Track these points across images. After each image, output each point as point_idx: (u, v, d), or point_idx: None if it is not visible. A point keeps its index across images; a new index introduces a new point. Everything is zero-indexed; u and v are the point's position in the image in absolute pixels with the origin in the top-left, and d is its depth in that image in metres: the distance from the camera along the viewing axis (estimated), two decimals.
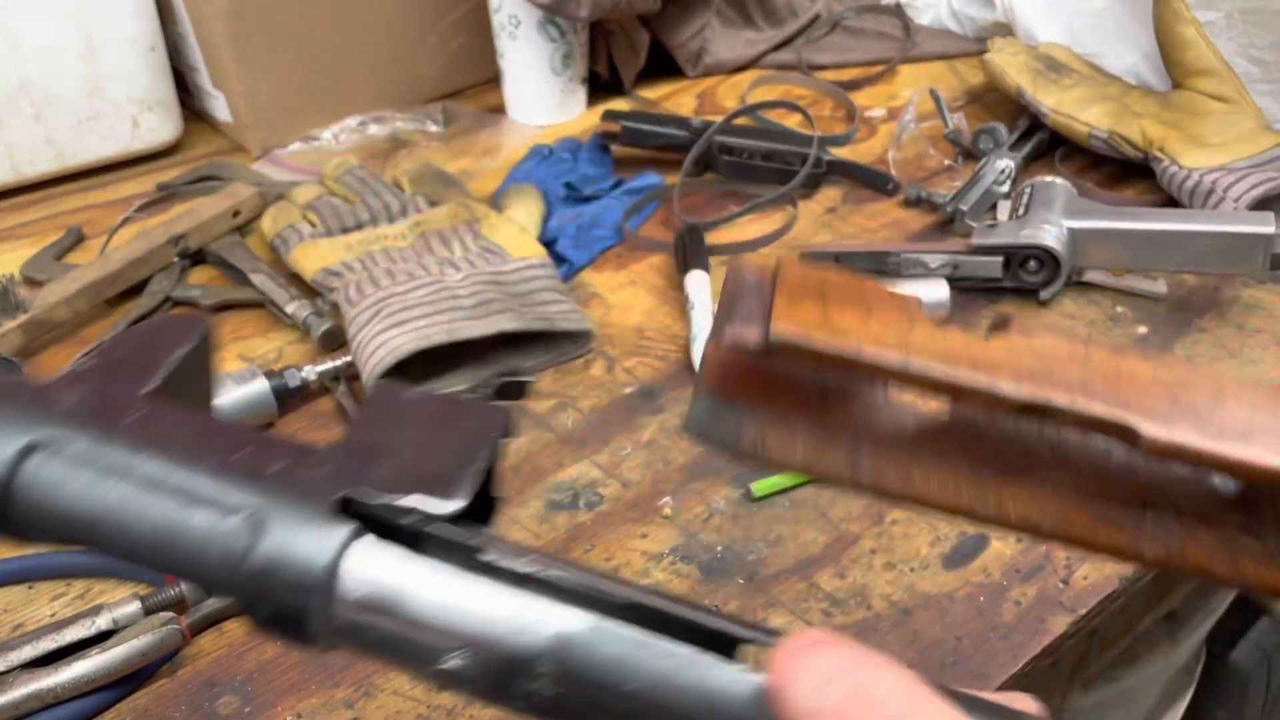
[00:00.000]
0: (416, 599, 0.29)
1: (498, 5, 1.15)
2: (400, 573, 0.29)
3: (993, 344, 0.37)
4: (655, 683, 0.28)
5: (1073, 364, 0.37)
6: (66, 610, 0.66)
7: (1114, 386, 0.36)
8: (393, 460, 0.31)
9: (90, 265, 0.93)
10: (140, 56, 1.11)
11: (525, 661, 0.28)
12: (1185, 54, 1.01)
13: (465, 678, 0.29)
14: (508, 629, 0.28)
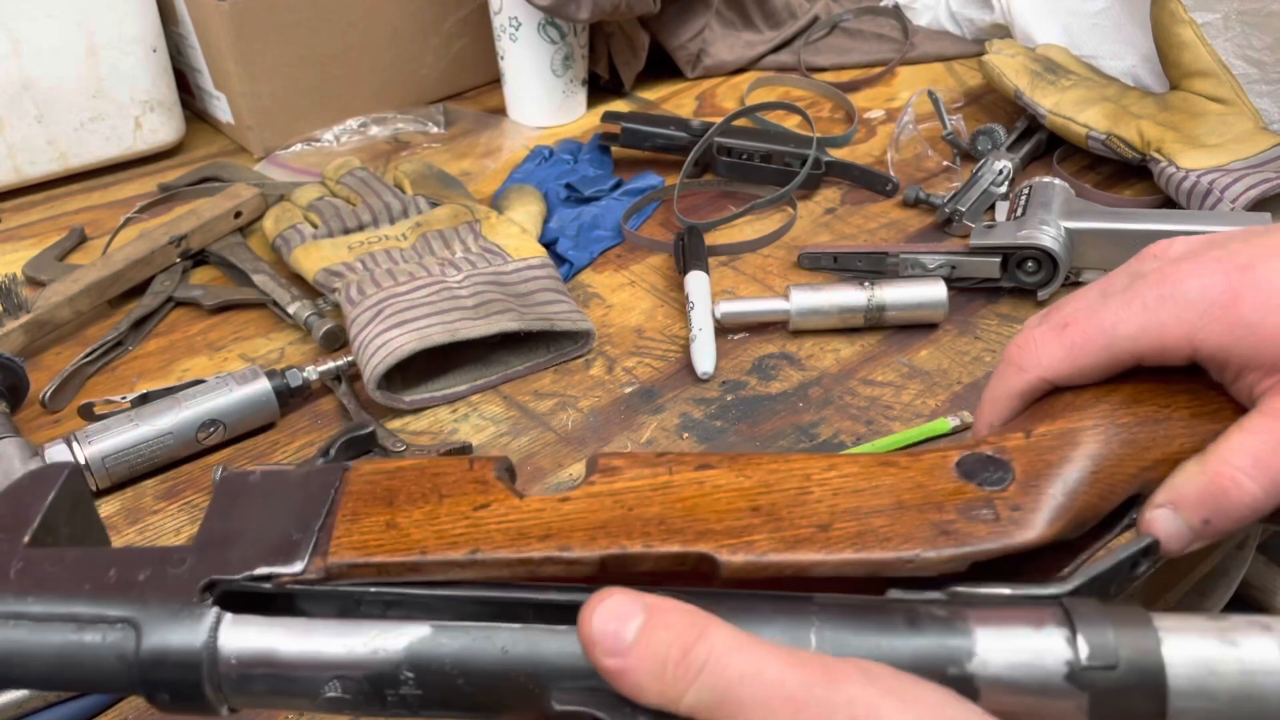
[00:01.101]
0: (284, 650, 0.34)
1: (498, 7, 1.15)
2: (266, 633, 0.35)
3: (572, 499, 0.38)
4: (496, 659, 0.34)
5: (654, 498, 0.37)
6: None
7: (692, 512, 0.37)
8: (242, 540, 0.37)
9: (92, 265, 0.93)
10: (142, 58, 1.11)
11: (389, 674, 0.34)
12: (1183, 55, 1.02)
13: (347, 701, 0.34)
14: (366, 652, 0.34)
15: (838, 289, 0.86)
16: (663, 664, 0.31)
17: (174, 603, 0.35)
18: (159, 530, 0.72)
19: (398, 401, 0.80)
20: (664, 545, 0.36)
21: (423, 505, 0.38)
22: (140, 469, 0.75)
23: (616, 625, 0.32)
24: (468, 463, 0.40)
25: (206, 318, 0.93)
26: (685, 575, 0.37)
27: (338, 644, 0.34)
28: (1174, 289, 0.39)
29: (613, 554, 0.36)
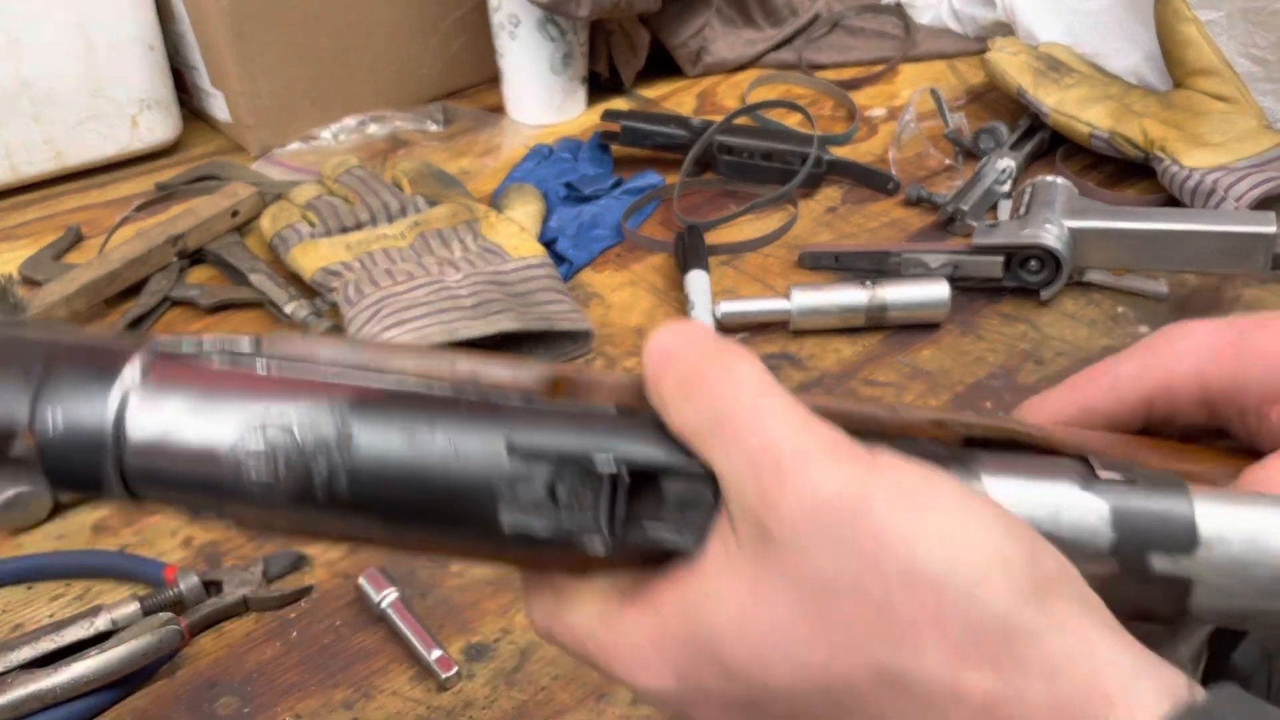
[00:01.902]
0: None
1: (497, 5, 1.14)
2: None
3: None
4: (442, 455, 0.31)
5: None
6: (66, 611, 0.66)
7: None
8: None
9: (89, 265, 0.93)
10: (139, 56, 1.11)
11: (312, 453, 0.30)
12: (1186, 53, 1.01)
13: (271, 488, 0.30)
14: (295, 419, 0.31)
15: (839, 288, 0.86)
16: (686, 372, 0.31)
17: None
18: (156, 531, 0.71)
19: None
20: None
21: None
22: None
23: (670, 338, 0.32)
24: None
25: (203, 317, 0.93)
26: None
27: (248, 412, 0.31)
28: (1181, 331, 0.38)
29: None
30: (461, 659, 0.61)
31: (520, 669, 0.61)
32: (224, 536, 0.70)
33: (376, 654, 0.62)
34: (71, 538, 0.71)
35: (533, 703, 0.59)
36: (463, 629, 0.63)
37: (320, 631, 0.64)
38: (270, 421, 0.31)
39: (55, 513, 0.72)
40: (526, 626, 0.63)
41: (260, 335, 0.34)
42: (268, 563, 0.67)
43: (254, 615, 0.65)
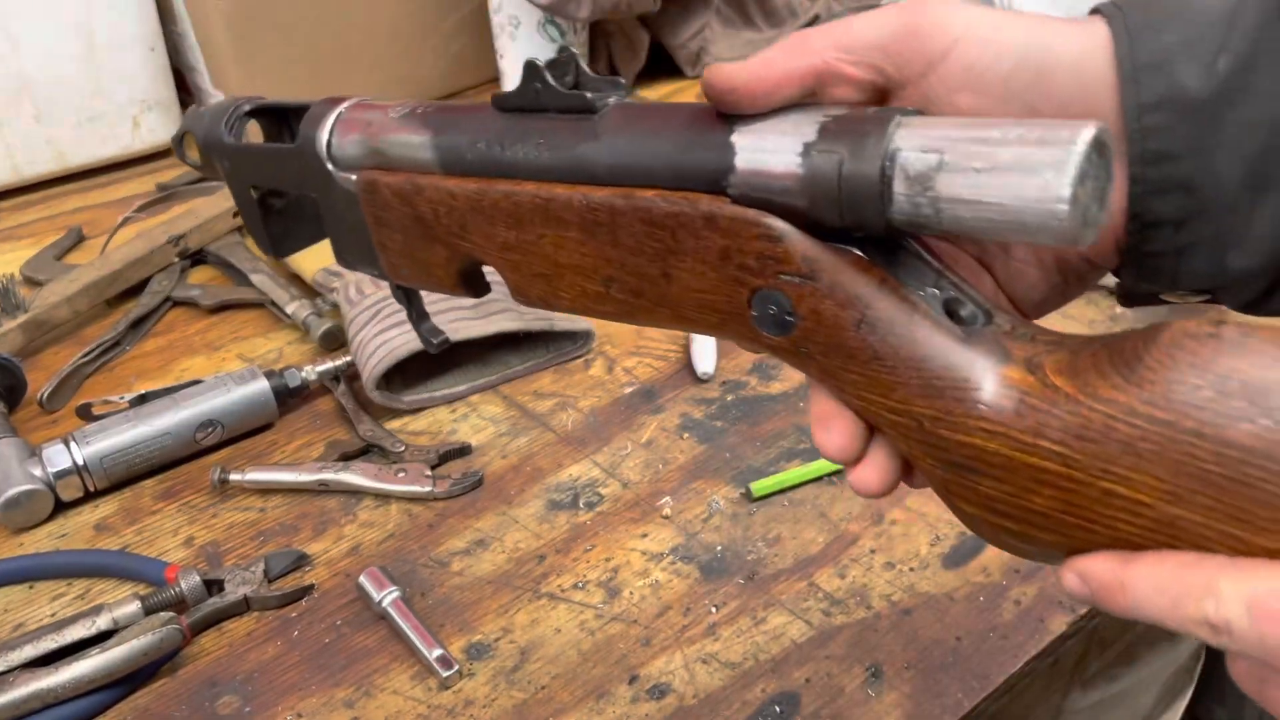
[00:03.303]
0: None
1: (498, 6, 1.15)
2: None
3: None
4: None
5: None
6: (67, 610, 0.66)
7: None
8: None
9: (90, 265, 0.93)
10: (140, 57, 1.11)
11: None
12: None
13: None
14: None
15: None
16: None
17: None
18: (157, 531, 0.71)
19: (396, 402, 0.79)
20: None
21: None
22: (138, 469, 0.74)
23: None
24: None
25: (205, 317, 0.93)
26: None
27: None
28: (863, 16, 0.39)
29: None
30: (462, 658, 0.61)
31: (520, 668, 0.61)
32: (225, 536, 0.71)
33: (377, 653, 0.62)
34: (73, 537, 0.71)
35: (533, 702, 0.59)
36: (463, 628, 0.63)
37: (321, 630, 0.64)
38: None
39: (56, 512, 0.73)
40: (527, 625, 0.63)
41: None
42: (268, 562, 0.67)
43: (255, 614, 0.65)
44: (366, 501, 0.73)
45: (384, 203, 0.48)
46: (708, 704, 0.58)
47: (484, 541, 0.69)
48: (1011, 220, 0.32)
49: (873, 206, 0.34)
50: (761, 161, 0.37)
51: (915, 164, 0.33)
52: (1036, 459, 0.33)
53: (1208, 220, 0.37)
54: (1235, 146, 0.36)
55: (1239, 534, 0.29)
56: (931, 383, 0.35)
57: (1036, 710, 0.73)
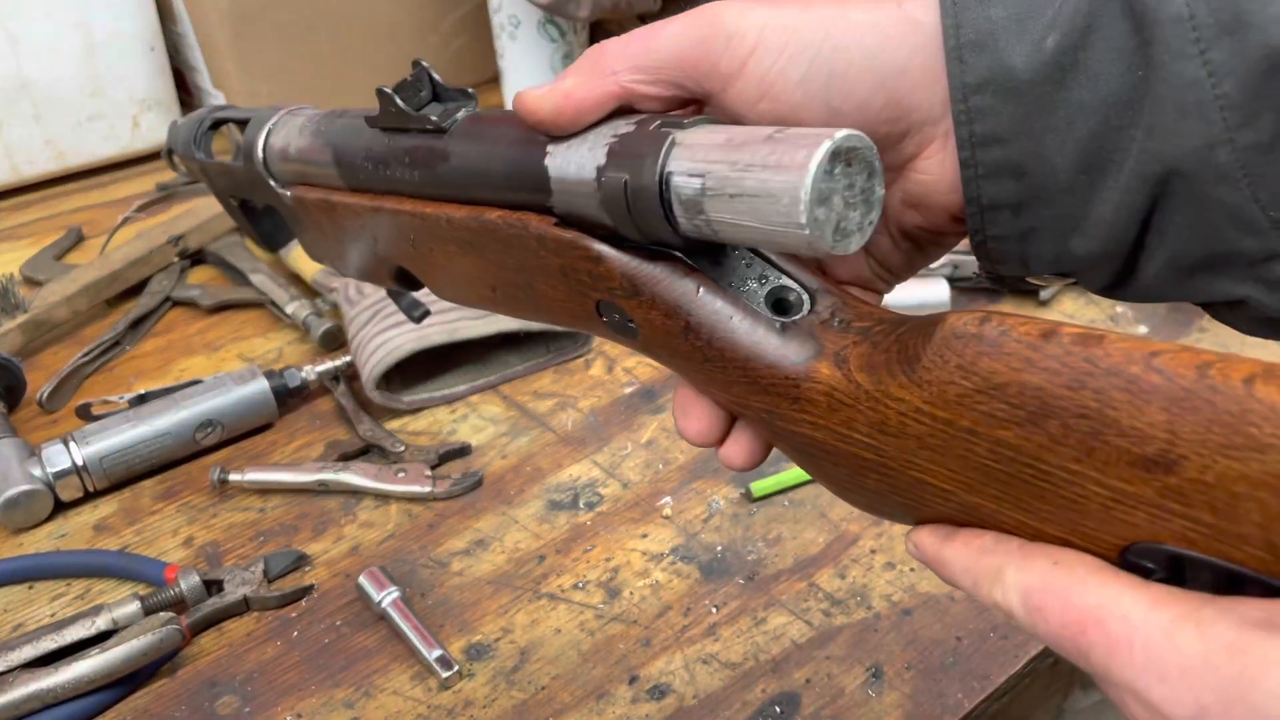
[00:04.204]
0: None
1: (498, 5, 1.15)
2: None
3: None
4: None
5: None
6: (66, 610, 0.66)
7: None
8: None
9: (90, 265, 0.93)
10: (140, 56, 1.11)
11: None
12: None
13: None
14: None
15: None
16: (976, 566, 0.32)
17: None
18: (157, 531, 0.71)
19: (396, 402, 0.79)
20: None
21: None
22: (138, 469, 0.74)
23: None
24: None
25: (204, 317, 0.93)
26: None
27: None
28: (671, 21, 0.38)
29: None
30: (462, 658, 0.61)
31: (520, 668, 0.61)
32: (225, 536, 0.71)
33: (377, 653, 0.62)
34: (73, 537, 0.71)
35: (533, 702, 0.59)
36: (463, 629, 0.63)
37: (321, 631, 0.64)
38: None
39: (56, 512, 0.73)
40: (527, 626, 0.63)
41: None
42: (268, 562, 0.67)
43: (254, 614, 0.65)
44: (366, 502, 0.73)
45: (315, 217, 0.51)
46: (708, 704, 0.58)
47: (484, 542, 0.69)
48: (774, 241, 0.32)
49: (663, 225, 0.35)
50: (568, 184, 0.38)
51: (684, 189, 0.34)
52: (854, 449, 0.34)
53: (1045, 204, 0.36)
54: (1067, 129, 0.34)
55: (1028, 521, 0.30)
56: (758, 380, 0.36)
57: (1037, 711, 0.73)
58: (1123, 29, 0.33)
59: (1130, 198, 0.34)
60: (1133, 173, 0.34)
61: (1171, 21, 0.32)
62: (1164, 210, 0.34)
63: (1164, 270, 0.36)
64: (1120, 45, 0.33)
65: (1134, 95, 0.33)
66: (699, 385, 0.38)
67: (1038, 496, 0.30)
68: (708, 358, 0.37)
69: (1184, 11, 0.32)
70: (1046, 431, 0.29)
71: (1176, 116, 0.32)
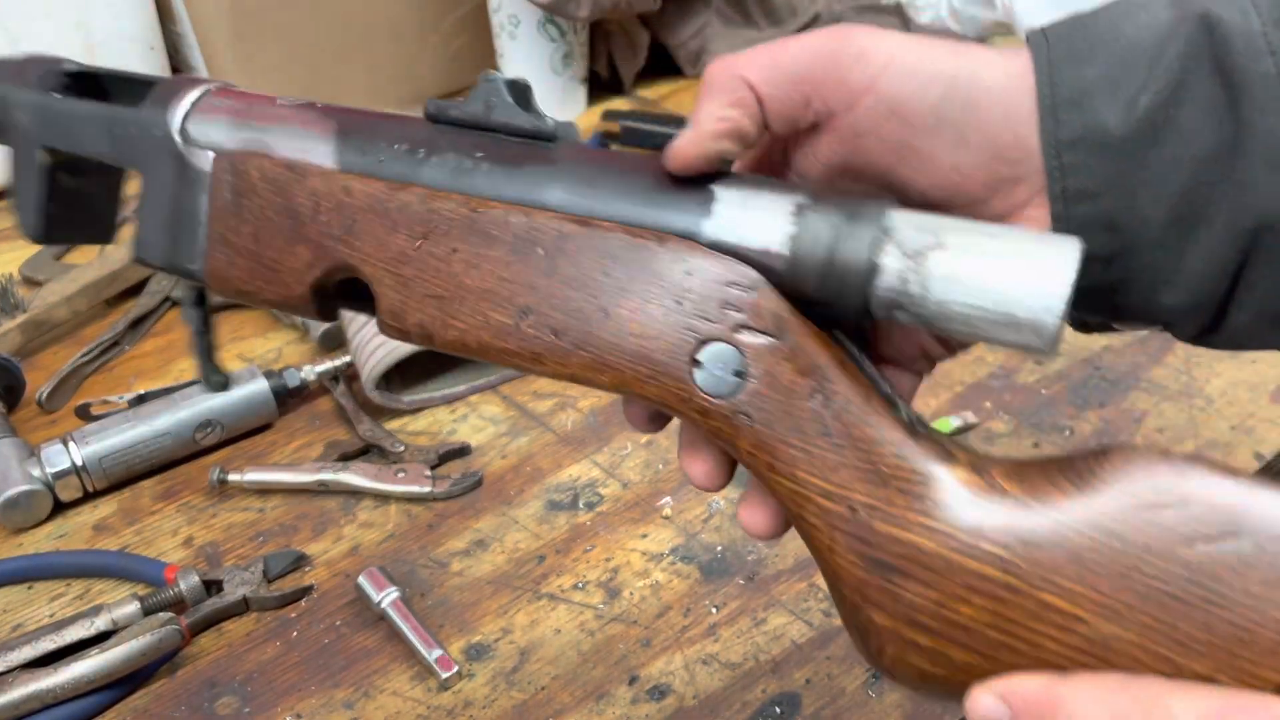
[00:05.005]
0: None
1: (497, 5, 1.14)
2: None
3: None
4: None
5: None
6: (66, 610, 0.66)
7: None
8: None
9: (89, 265, 0.93)
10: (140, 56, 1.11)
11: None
12: None
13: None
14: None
15: None
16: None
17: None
18: (157, 531, 0.71)
19: (396, 402, 0.79)
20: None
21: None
22: (138, 469, 0.74)
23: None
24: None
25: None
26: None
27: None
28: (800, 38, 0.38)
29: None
30: (461, 659, 0.61)
31: (520, 669, 0.61)
32: (224, 536, 0.71)
33: (377, 654, 0.62)
34: (72, 537, 0.71)
35: (533, 703, 0.59)
36: (463, 629, 0.63)
37: (320, 631, 0.64)
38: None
39: (55, 512, 0.73)
40: (526, 626, 0.63)
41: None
42: (268, 562, 0.67)
43: (254, 615, 0.65)
44: (366, 502, 0.73)
45: (247, 187, 0.43)
46: (708, 705, 0.58)
47: (484, 542, 0.69)
48: (999, 311, 0.32)
49: (858, 278, 0.34)
50: (747, 210, 0.36)
51: (911, 240, 0.33)
52: (975, 563, 0.32)
53: (1136, 257, 0.36)
54: (1159, 184, 0.35)
55: (1172, 656, 0.29)
56: (878, 469, 0.34)
57: None
58: (1213, 87, 0.34)
59: (1221, 251, 0.35)
60: (1224, 226, 0.35)
61: (1260, 79, 0.33)
62: (1254, 263, 0.35)
63: (1253, 320, 0.37)
64: (1210, 103, 0.34)
65: (1225, 151, 0.34)
66: (783, 465, 0.35)
67: (1201, 625, 0.29)
68: (827, 430, 0.34)
69: (1272, 69, 0.33)
70: (1237, 551, 0.28)
71: (1267, 171, 0.34)
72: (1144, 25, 0.35)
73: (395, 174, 0.41)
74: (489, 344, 0.39)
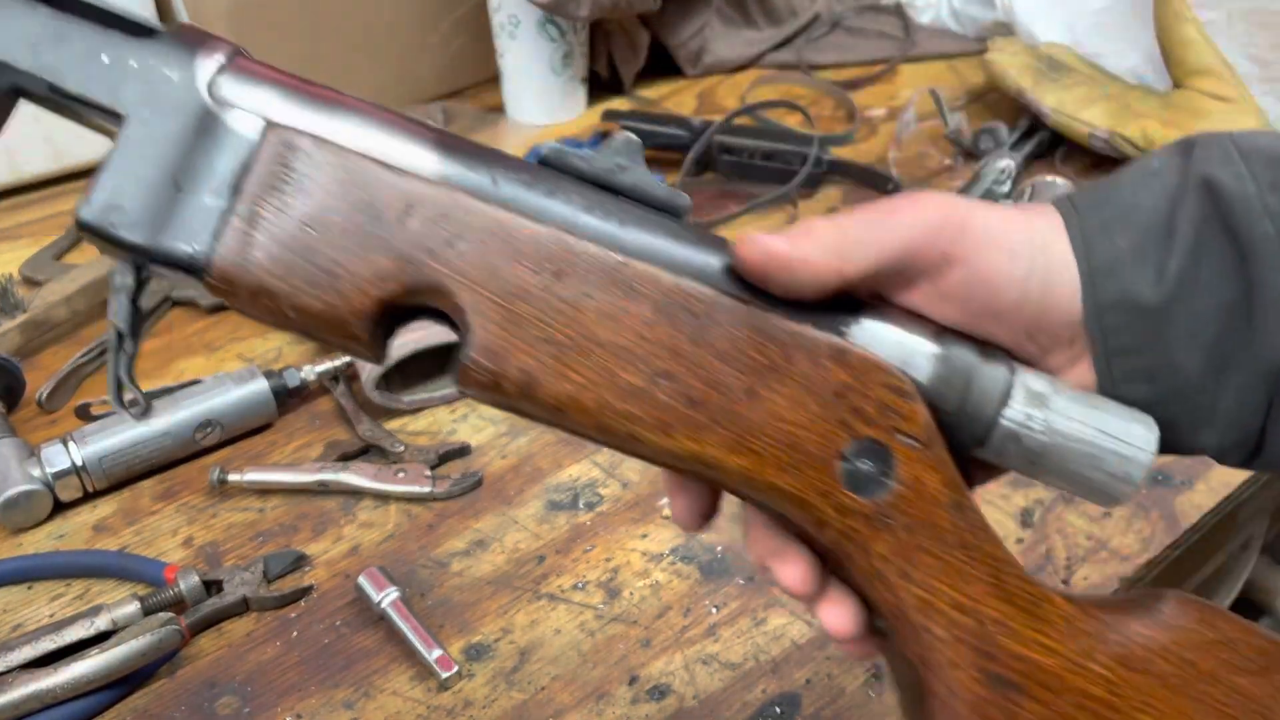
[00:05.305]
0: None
1: (497, 5, 1.14)
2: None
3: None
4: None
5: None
6: (66, 610, 0.66)
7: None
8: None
9: (89, 265, 0.93)
10: None
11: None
12: (1186, 53, 1.01)
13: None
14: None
15: None
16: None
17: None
18: (156, 531, 0.71)
19: (396, 402, 0.79)
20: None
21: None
22: (137, 469, 0.74)
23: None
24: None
25: (204, 317, 0.93)
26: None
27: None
28: (910, 201, 0.40)
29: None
30: (461, 659, 0.61)
31: (520, 669, 0.61)
32: (224, 536, 0.71)
33: (376, 654, 0.62)
34: (72, 537, 0.71)
35: (533, 703, 0.59)
36: (463, 629, 0.63)
37: (320, 631, 0.64)
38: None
39: (55, 512, 0.73)
40: (526, 626, 0.63)
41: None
42: (268, 562, 0.67)
43: (254, 615, 0.65)
44: (366, 502, 0.73)
45: (310, 172, 0.36)
46: (708, 705, 0.58)
47: (484, 542, 0.69)
48: (1102, 458, 0.36)
49: (993, 405, 0.37)
50: (890, 325, 0.38)
51: (1033, 383, 0.37)
52: (1085, 683, 0.35)
53: (1177, 402, 0.40)
54: (1190, 338, 0.38)
55: None
56: (1004, 586, 0.36)
57: None
58: (1224, 245, 0.38)
59: (1251, 391, 0.39)
60: (1250, 370, 0.39)
61: (1262, 240, 0.38)
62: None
63: None
64: (1224, 260, 0.38)
65: (1242, 303, 0.38)
66: (919, 574, 0.36)
67: None
68: (965, 544, 0.36)
69: (1270, 231, 0.38)
70: (1273, 683, 0.34)
71: (1278, 321, 0.38)
72: (1158, 193, 0.39)
73: (518, 201, 0.37)
74: (608, 404, 0.36)
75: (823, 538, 0.37)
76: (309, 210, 0.36)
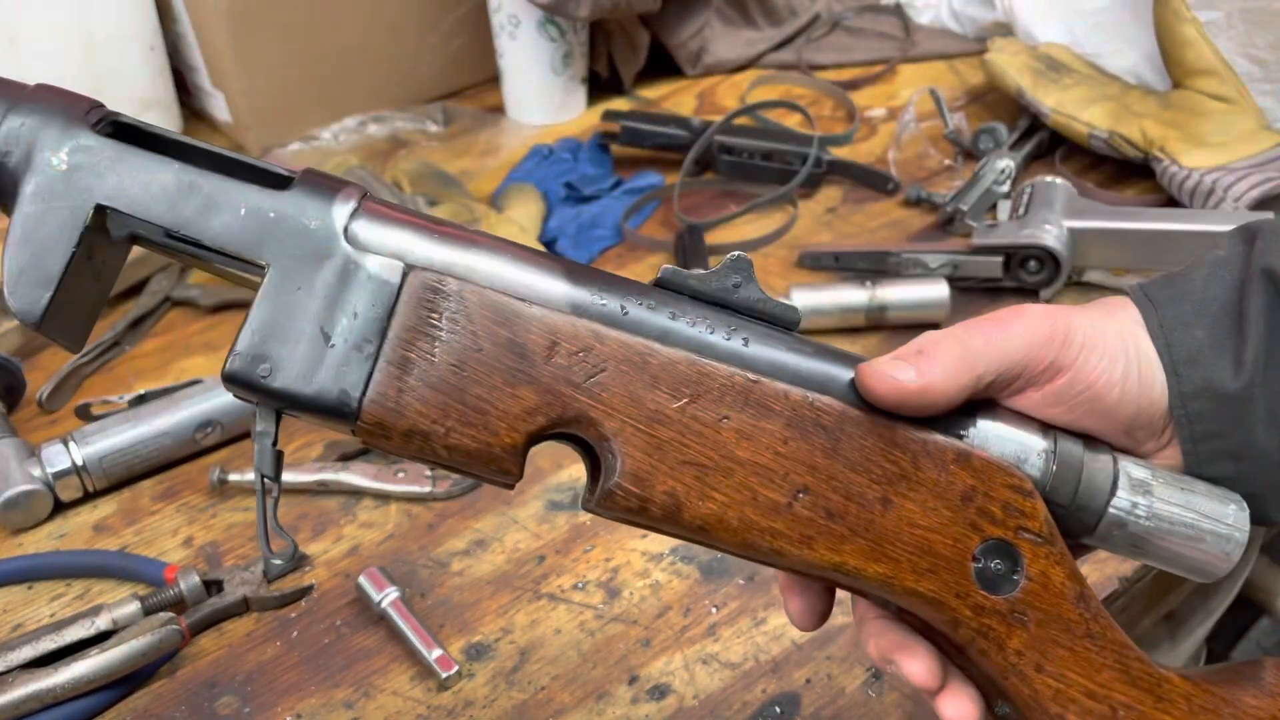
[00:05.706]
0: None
1: (497, 5, 1.14)
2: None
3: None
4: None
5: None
6: (66, 610, 0.66)
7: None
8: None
9: None
10: (140, 56, 1.11)
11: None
12: (1185, 53, 1.01)
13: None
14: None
15: (839, 288, 0.86)
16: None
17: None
18: (156, 531, 0.71)
19: None
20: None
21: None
22: (138, 469, 0.74)
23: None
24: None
25: (204, 317, 0.93)
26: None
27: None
28: (1016, 313, 0.43)
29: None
30: (461, 659, 0.61)
31: (520, 669, 0.61)
32: (224, 536, 0.71)
33: (377, 654, 0.62)
34: (72, 537, 0.71)
35: (533, 703, 0.59)
36: (463, 629, 0.63)
37: (320, 631, 0.64)
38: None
39: (56, 512, 0.73)
40: (526, 626, 0.63)
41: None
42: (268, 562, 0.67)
43: (254, 615, 0.65)
44: (366, 502, 0.73)
45: (454, 313, 0.37)
46: (708, 704, 0.58)
47: (484, 542, 0.69)
48: (1202, 539, 0.39)
49: (1103, 494, 0.39)
50: (1001, 424, 0.40)
51: (1136, 473, 0.40)
52: None
53: (1259, 478, 0.42)
54: (1269, 418, 0.41)
55: None
56: (1129, 671, 0.38)
57: None
58: None
59: None
60: None
61: None
62: None
63: None
64: None
65: None
66: (1052, 666, 0.38)
67: None
68: (1091, 633, 0.38)
69: None
70: None
71: None
72: (1228, 284, 0.42)
73: (647, 326, 0.38)
74: (752, 521, 0.37)
75: (956, 636, 0.38)
76: (457, 351, 0.36)
